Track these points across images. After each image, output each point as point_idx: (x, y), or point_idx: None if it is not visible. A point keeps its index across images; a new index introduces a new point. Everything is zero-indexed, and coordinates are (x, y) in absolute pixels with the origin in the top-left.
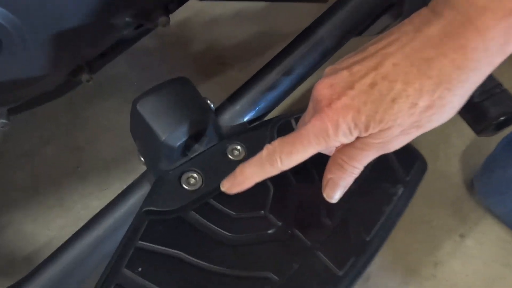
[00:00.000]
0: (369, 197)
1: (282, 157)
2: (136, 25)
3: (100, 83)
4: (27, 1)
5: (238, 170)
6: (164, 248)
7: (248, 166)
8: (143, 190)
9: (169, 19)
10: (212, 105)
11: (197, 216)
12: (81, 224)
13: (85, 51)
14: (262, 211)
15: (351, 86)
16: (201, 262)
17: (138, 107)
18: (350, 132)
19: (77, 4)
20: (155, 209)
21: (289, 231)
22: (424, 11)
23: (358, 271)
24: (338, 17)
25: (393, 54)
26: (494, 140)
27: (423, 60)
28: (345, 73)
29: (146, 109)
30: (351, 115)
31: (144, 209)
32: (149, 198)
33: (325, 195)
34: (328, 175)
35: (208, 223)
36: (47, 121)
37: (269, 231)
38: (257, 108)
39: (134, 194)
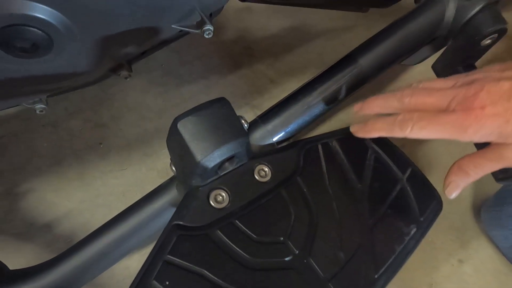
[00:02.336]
0: (383, 234)
1: (414, 127)
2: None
3: None
4: (76, 3)
5: (371, 120)
6: (190, 264)
7: (380, 121)
8: (170, 196)
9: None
10: (246, 125)
11: (222, 236)
12: (100, 200)
13: (128, 51)
14: (282, 237)
15: (509, 100)
16: (222, 282)
17: (179, 126)
18: (487, 137)
19: (124, 9)
20: (183, 224)
21: (305, 260)
22: None
23: None
24: (382, 47)
25: None
26: None
27: None
28: (506, 85)
29: (186, 129)
30: (499, 123)
31: (174, 222)
32: (178, 212)
33: (445, 193)
34: (452, 177)
35: (232, 244)
36: (74, 94)
37: (286, 258)
38: (288, 130)
39: (160, 198)
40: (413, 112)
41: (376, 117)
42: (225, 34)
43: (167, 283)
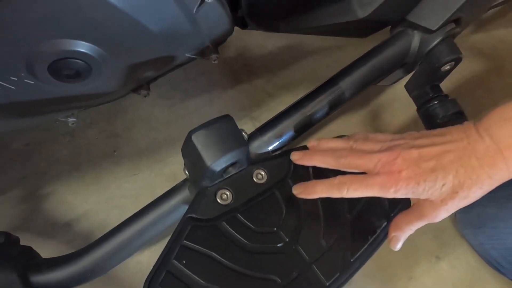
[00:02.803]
0: (359, 226)
1: (349, 189)
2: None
3: None
4: (111, 39)
5: (311, 183)
6: (202, 248)
7: (320, 184)
8: (183, 195)
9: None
10: (246, 136)
11: (227, 226)
12: (114, 202)
13: (149, 74)
14: (275, 228)
15: (418, 165)
16: (227, 262)
17: (193, 138)
18: (405, 195)
19: (149, 43)
20: (196, 216)
21: (294, 247)
22: (473, 130)
23: (340, 283)
24: (359, 72)
25: (451, 152)
26: None
27: (469, 166)
28: (415, 153)
29: (199, 140)
30: (412, 185)
31: (188, 215)
32: (192, 207)
33: (391, 247)
34: (393, 233)
35: (235, 233)
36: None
37: (278, 245)
38: (281, 141)
39: (175, 196)
40: (347, 176)
41: (316, 180)
42: (226, 52)
43: (184, 262)
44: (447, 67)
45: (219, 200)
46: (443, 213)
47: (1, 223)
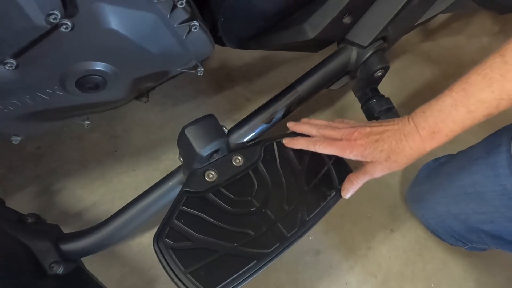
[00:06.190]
0: (314, 195)
1: (320, 146)
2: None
3: None
4: (124, 61)
5: (296, 138)
6: (195, 211)
7: (302, 139)
8: (179, 177)
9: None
10: (226, 130)
11: (213, 196)
12: (117, 194)
13: (149, 85)
14: (249, 197)
15: (368, 137)
16: (214, 221)
17: (186, 131)
18: (356, 157)
19: (151, 63)
20: (190, 190)
21: (263, 210)
22: (405, 119)
23: (298, 235)
24: (312, 79)
25: (389, 131)
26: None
27: (399, 140)
28: (368, 129)
29: (190, 133)
30: (361, 150)
31: (184, 189)
32: (187, 183)
33: (342, 195)
34: (344, 185)
35: (219, 201)
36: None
37: (252, 209)
38: (253, 133)
39: (172, 179)
40: (322, 137)
41: (300, 137)
42: (211, 63)
43: (182, 221)
44: (379, 73)
45: (206, 178)
46: (379, 171)
47: None
